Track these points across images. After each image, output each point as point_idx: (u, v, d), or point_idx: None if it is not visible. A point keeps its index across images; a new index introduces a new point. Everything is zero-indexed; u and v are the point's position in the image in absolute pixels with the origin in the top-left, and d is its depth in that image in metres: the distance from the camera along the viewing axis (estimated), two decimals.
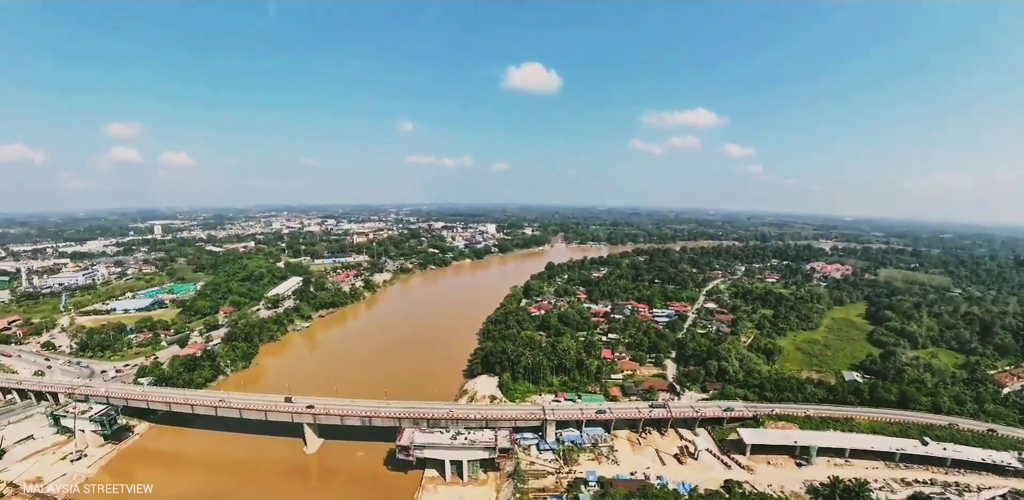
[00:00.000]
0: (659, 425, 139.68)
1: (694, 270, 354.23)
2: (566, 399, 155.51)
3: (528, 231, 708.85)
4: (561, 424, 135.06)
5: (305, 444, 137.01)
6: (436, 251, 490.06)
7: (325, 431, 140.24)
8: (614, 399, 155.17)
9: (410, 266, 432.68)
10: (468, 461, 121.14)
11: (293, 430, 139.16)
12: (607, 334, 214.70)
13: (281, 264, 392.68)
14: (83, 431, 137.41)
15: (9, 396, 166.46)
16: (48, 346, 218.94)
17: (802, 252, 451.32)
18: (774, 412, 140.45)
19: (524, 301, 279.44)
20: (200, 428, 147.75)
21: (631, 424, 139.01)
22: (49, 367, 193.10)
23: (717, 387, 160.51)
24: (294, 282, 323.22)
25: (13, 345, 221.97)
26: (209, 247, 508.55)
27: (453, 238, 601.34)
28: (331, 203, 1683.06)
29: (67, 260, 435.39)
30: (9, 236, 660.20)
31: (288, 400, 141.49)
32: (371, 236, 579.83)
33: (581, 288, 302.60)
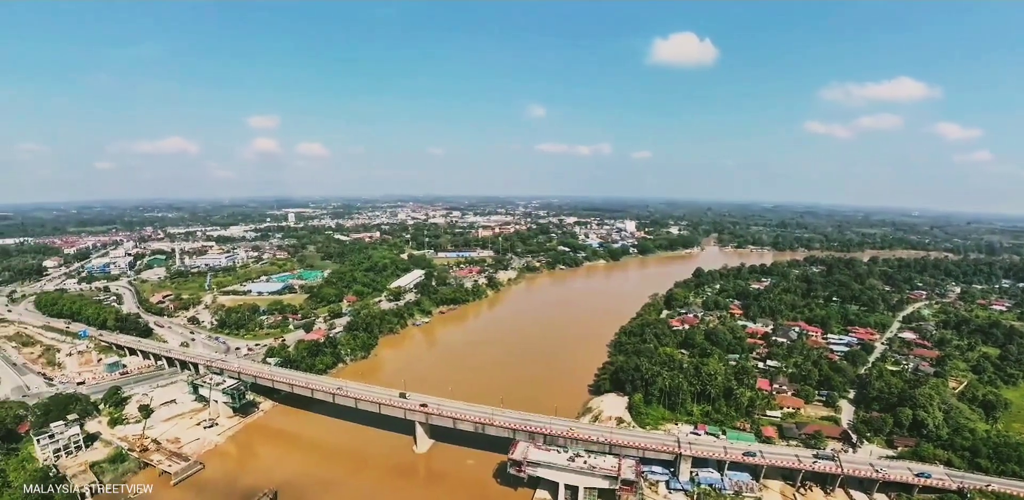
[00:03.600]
0: (824, 481, 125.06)
1: (887, 288, 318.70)
2: (707, 433, 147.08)
3: (674, 230, 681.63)
4: (698, 462, 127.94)
5: (415, 443, 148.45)
6: (567, 249, 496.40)
7: (436, 432, 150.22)
8: (767, 441, 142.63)
9: (537, 264, 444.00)
10: (585, 488, 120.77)
11: (404, 427, 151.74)
12: (765, 360, 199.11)
13: (404, 256, 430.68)
14: (216, 402, 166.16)
15: (160, 362, 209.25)
16: (193, 320, 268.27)
17: None
18: (990, 488, 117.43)
19: (665, 312, 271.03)
20: (317, 412, 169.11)
21: (787, 475, 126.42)
22: (193, 340, 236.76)
23: (909, 443, 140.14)
24: (416, 275, 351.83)
25: (166, 317, 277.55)
26: (337, 236, 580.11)
27: (586, 235, 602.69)
28: (456, 194, 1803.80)
29: (213, 243, 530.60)
30: (167, 219, 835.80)
31: (403, 396, 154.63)
32: (497, 230, 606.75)
33: (736, 301, 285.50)
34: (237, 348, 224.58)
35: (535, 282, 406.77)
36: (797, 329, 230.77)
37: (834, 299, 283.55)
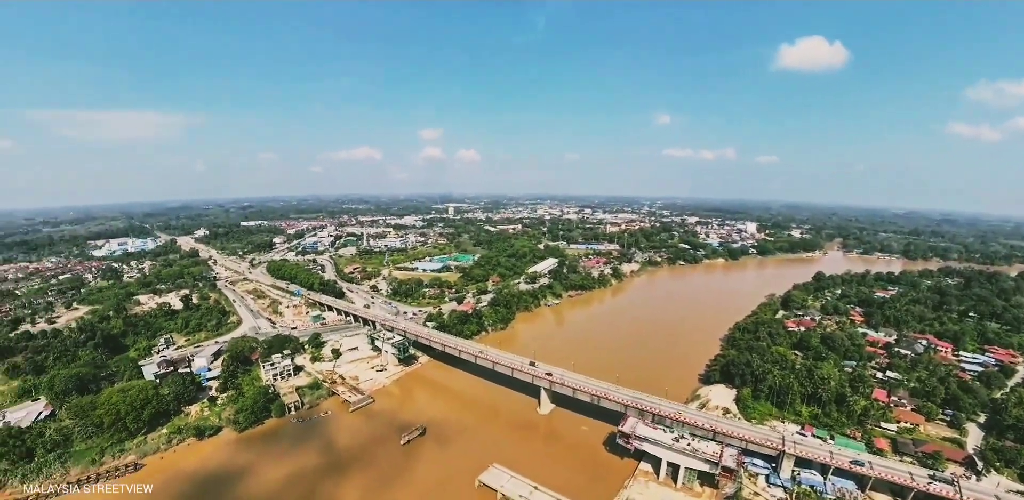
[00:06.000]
0: None
1: None
2: (814, 435, 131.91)
3: (795, 233, 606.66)
4: (801, 462, 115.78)
5: (539, 405, 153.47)
6: (687, 247, 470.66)
7: (557, 398, 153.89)
8: (878, 453, 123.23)
9: (658, 259, 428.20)
10: (686, 468, 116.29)
11: (531, 390, 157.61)
12: (884, 371, 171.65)
13: (541, 246, 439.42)
14: (386, 352, 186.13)
15: (348, 318, 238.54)
16: (374, 288, 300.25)
17: None
18: None
19: (781, 313, 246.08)
20: (461, 370, 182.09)
21: (897, 491, 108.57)
22: (373, 302, 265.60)
23: None
24: (550, 263, 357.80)
25: (355, 284, 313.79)
26: (486, 227, 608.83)
27: (707, 235, 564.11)
28: (588, 194, 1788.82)
29: (390, 229, 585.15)
30: (358, 210, 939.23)
31: (532, 364, 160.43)
32: (623, 227, 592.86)
33: (857, 308, 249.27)
34: (404, 312, 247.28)
35: (655, 275, 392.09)
36: (924, 342, 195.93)
37: (971, 315, 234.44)
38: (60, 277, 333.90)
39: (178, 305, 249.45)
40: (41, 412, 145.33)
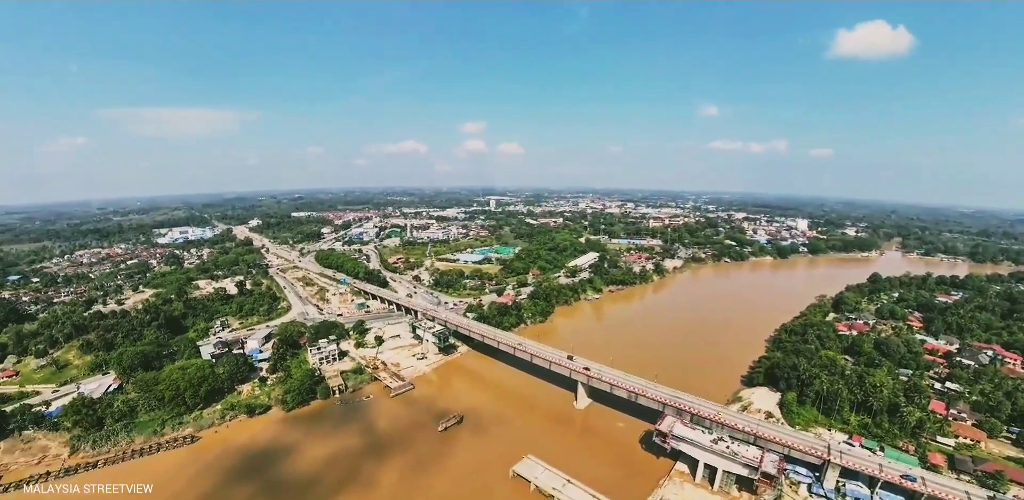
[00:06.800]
0: None
1: None
2: (862, 445, 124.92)
3: (850, 232, 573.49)
4: (847, 473, 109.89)
5: (575, 399, 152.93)
6: (733, 243, 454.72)
7: (594, 393, 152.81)
8: (932, 468, 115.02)
9: (703, 256, 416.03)
10: (724, 471, 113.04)
11: (568, 384, 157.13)
12: (944, 381, 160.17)
13: (582, 240, 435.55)
14: (427, 340, 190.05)
15: (391, 306, 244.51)
16: (416, 278, 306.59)
17: None
18: None
19: (832, 315, 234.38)
20: (499, 361, 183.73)
21: None
22: (415, 292, 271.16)
23: None
24: (591, 257, 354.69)
25: (398, 274, 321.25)
26: (527, 220, 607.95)
27: (754, 231, 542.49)
28: (632, 188, 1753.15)
29: (433, 221, 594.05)
30: (402, 202, 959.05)
31: (570, 358, 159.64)
32: (667, 222, 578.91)
33: (916, 313, 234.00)
34: (445, 302, 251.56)
35: (699, 272, 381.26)
36: (990, 353, 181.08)
37: None
38: (128, 262, 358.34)
39: (233, 290, 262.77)
40: (111, 385, 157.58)
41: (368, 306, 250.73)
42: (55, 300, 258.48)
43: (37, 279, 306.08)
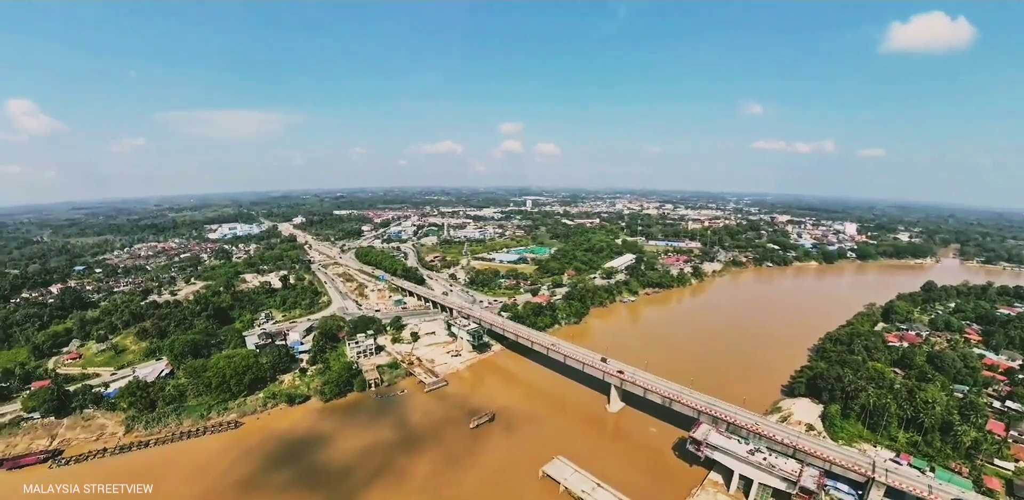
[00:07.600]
0: None
1: None
2: (911, 465, 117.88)
3: (903, 237, 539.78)
4: (893, 493, 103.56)
5: (608, 402, 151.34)
6: (776, 247, 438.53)
7: (627, 397, 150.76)
8: (988, 493, 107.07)
9: (743, 260, 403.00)
10: (760, 483, 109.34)
11: (601, 386, 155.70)
12: (1004, 400, 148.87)
13: (619, 241, 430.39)
14: (462, 338, 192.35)
15: (427, 304, 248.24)
16: (452, 277, 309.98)
17: None
18: None
19: (881, 325, 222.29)
20: (533, 361, 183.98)
21: None
22: (451, 290, 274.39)
23: None
24: (628, 258, 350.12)
25: (434, 272, 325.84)
26: (564, 220, 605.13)
27: (799, 235, 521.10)
28: (670, 188, 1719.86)
29: (470, 221, 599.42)
30: (440, 201, 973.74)
31: (604, 360, 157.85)
32: (706, 224, 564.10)
33: (974, 325, 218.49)
34: (480, 301, 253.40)
35: (739, 276, 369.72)
36: None
37: None
38: (182, 256, 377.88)
39: (277, 284, 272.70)
40: (163, 370, 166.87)
41: (405, 303, 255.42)
42: (115, 290, 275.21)
43: (100, 270, 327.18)
